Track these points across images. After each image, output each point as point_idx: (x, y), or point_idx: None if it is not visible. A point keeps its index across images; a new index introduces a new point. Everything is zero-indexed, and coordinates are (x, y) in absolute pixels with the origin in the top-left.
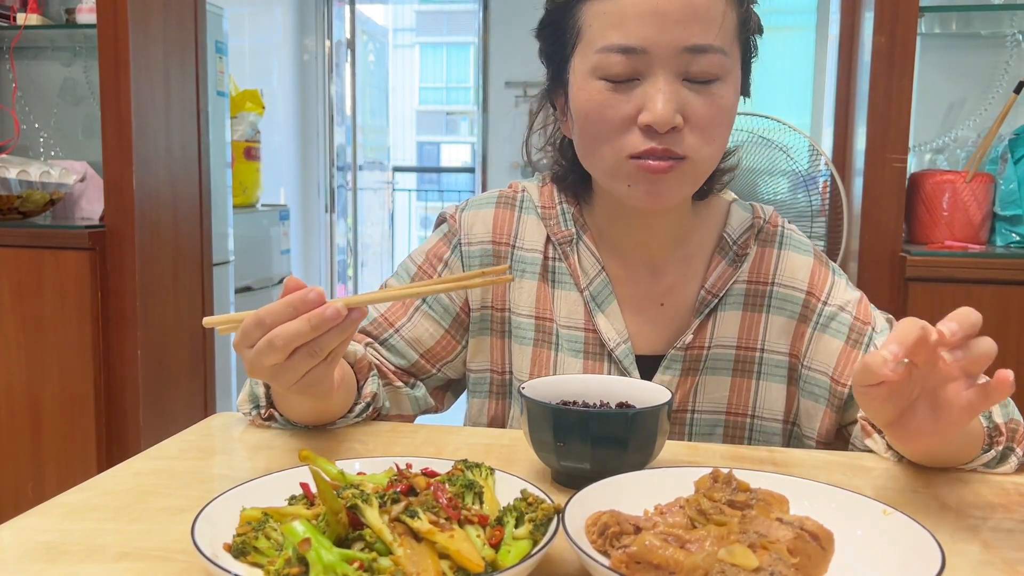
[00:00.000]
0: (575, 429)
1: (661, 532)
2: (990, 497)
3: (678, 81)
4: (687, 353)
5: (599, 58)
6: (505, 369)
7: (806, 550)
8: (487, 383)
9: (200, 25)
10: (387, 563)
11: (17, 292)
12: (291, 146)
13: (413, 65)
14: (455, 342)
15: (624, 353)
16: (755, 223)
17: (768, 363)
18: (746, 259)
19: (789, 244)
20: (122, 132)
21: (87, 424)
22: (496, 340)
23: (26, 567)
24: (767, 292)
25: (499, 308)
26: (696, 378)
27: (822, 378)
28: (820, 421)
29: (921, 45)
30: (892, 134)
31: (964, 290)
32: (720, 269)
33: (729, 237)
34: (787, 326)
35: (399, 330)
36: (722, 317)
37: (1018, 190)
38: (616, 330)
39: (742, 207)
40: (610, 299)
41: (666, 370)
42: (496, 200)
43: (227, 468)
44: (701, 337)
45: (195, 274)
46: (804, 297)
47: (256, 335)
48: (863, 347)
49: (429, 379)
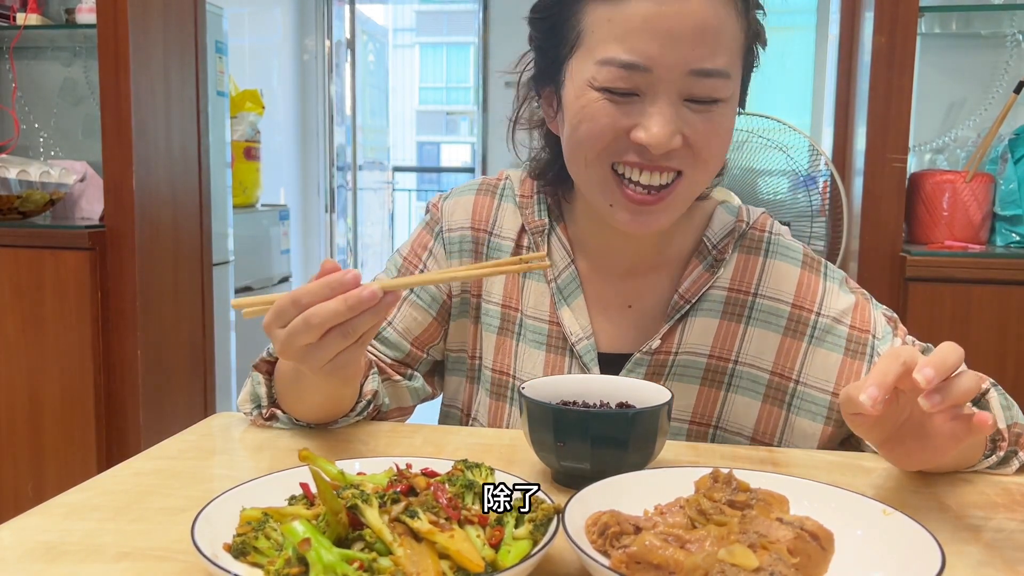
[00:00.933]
0: (575, 429)
1: (661, 532)
2: (990, 497)
3: (680, 102)
4: (653, 357)
5: (599, 70)
6: (475, 355)
7: (806, 550)
8: (464, 365)
9: (200, 25)
10: (387, 563)
11: (17, 292)
12: (291, 146)
13: (413, 65)
14: (440, 327)
15: (586, 349)
16: (736, 227)
17: (742, 376)
18: (723, 264)
19: (776, 252)
20: (122, 132)
21: (87, 424)
22: (471, 325)
23: (26, 567)
24: (748, 303)
25: (475, 294)
26: (661, 383)
27: (820, 395)
28: (819, 440)
29: (921, 45)
30: (892, 134)
31: (964, 290)
32: (696, 274)
33: (708, 241)
34: (771, 341)
35: (392, 323)
36: (694, 323)
37: (1018, 190)
38: (580, 325)
39: (728, 210)
40: (576, 293)
41: (630, 372)
42: (478, 188)
43: (227, 468)
44: (669, 342)
45: (195, 274)
46: (790, 310)
47: (291, 314)
48: (866, 357)
49: (420, 365)
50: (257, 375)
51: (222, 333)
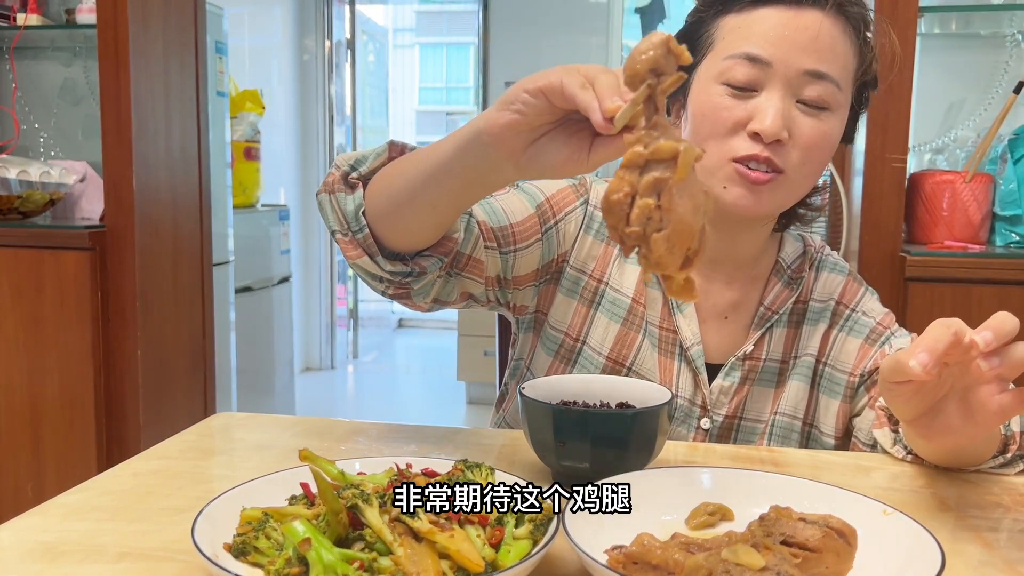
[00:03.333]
0: (575, 429)
1: (683, 542)
2: (990, 497)
3: (792, 100)
4: (746, 363)
5: (726, 64)
6: (579, 338)
7: (834, 547)
8: (558, 343)
9: (200, 25)
10: (387, 563)
11: (17, 292)
12: (291, 146)
13: (413, 65)
14: (536, 233)
15: (697, 354)
16: (808, 251)
17: (797, 367)
18: (801, 282)
19: (825, 265)
20: (122, 132)
21: (87, 424)
22: (581, 307)
23: (26, 567)
24: (805, 309)
25: (596, 278)
26: (751, 388)
27: (840, 375)
28: (836, 416)
29: (921, 45)
30: (892, 134)
31: (964, 290)
32: (778, 289)
33: (784, 261)
34: (817, 333)
35: (497, 197)
36: (777, 334)
37: (1018, 190)
38: (692, 331)
39: (793, 237)
40: (689, 303)
41: (726, 376)
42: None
43: (227, 468)
44: (759, 350)
45: (195, 274)
46: (835, 306)
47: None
48: (879, 344)
49: (500, 292)
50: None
51: (222, 333)
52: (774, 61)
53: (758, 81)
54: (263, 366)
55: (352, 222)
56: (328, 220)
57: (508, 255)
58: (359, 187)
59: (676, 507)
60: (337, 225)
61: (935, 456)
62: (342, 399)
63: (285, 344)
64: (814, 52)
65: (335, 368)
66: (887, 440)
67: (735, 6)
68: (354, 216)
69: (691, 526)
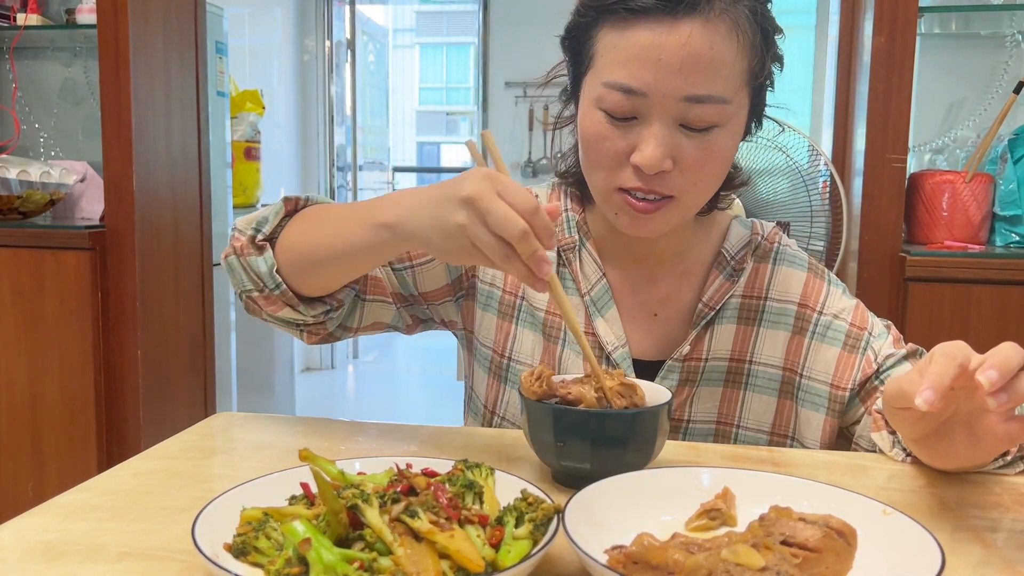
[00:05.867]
0: (575, 429)
1: (683, 542)
2: (990, 497)
3: (675, 126)
4: (684, 364)
5: (603, 91)
6: (506, 354)
7: (834, 547)
8: (489, 360)
9: (200, 25)
10: (387, 563)
11: (17, 292)
12: (291, 146)
13: (413, 65)
14: (450, 294)
15: (622, 356)
16: (752, 239)
17: (756, 375)
18: (742, 274)
19: (783, 259)
20: (122, 132)
21: (87, 424)
22: (502, 322)
23: (26, 567)
24: (760, 306)
25: (511, 292)
26: (693, 389)
27: (821, 387)
28: (822, 430)
29: (921, 45)
30: (892, 134)
31: (964, 290)
32: (718, 283)
33: (727, 252)
34: (782, 339)
35: (414, 267)
36: (719, 330)
37: (1017, 190)
38: (615, 334)
39: (742, 224)
40: (609, 304)
41: (663, 379)
42: None
43: (227, 468)
44: (698, 349)
45: (195, 274)
46: (797, 309)
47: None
48: (860, 351)
49: (415, 309)
50: (279, 205)
51: (222, 333)
52: (649, 91)
53: (636, 110)
54: (263, 366)
55: (268, 281)
56: (241, 282)
57: (404, 271)
58: (267, 248)
59: (676, 507)
60: (252, 284)
61: (935, 465)
62: (342, 399)
63: (285, 344)
64: (692, 74)
65: (335, 368)
66: (885, 443)
67: (611, 17)
68: (269, 275)
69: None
